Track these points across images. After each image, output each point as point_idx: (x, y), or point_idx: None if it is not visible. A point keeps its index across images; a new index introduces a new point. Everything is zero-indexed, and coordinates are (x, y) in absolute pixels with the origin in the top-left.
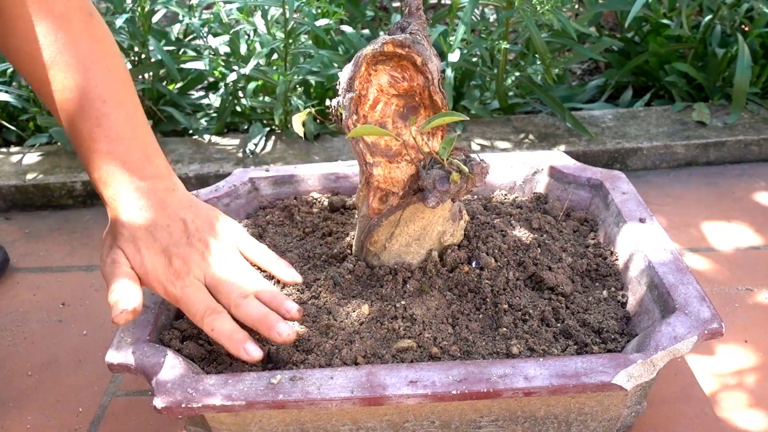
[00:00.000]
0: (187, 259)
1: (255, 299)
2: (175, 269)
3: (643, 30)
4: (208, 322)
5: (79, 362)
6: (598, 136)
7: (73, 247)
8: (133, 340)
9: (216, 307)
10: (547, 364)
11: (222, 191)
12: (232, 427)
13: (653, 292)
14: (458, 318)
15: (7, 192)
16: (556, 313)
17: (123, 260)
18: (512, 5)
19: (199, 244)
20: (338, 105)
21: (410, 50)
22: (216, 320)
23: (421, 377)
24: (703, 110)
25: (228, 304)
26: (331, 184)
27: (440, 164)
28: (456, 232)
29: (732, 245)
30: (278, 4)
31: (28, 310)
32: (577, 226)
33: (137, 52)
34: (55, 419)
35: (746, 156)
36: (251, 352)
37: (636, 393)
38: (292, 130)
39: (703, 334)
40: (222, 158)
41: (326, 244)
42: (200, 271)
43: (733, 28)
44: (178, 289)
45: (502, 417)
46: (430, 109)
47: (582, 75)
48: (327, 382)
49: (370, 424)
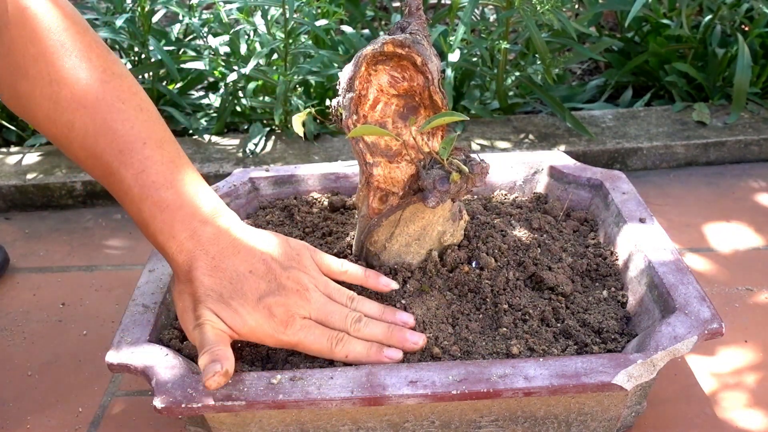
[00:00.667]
0: (287, 305)
1: (369, 319)
2: (280, 319)
3: (643, 30)
4: (339, 351)
5: (79, 362)
6: (598, 136)
7: (73, 247)
8: (133, 340)
9: (337, 334)
10: (547, 364)
11: (222, 191)
12: (232, 427)
13: (653, 292)
14: (458, 318)
15: (7, 192)
16: (556, 313)
17: (216, 322)
18: (512, 5)
19: (290, 282)
20: (338, 105)
21: (410, 50)
22: (346, 345)
23: (421, 377)
24: (703, 110)
25: (346, 331)
26: (331, 184)
27: (440, 164)
28: (456, 232)
29: (732, 245)
30: (278, 4)
31: (28, 310)
32: (577, 226)
33: (137, 52)
34: (55, 419)
35: (746, 156)
36: (392, 355)
37: (636, 393)
38: (292, 130)
39: (703, 334)
40: (222, 158)
41: (326, 244)
42: (305, 311)
43: (733, 28)
44: (291, 336)
45: (502, 417)
46: (430, 109)
47: (582, 75)
48: (327, 382)
49: (370, 424)
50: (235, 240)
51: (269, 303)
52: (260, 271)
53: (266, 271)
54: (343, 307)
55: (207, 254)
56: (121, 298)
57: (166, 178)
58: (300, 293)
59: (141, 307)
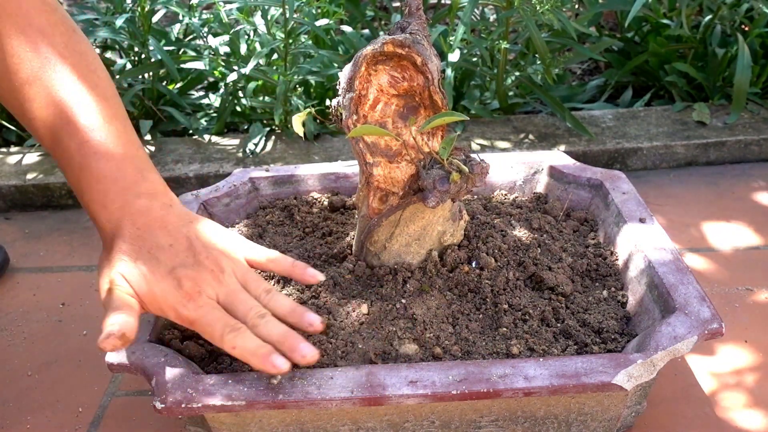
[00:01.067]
0: (197, 280)
1: (272, 318)
2: (185, 291)
3: (643, 30)
4: (228, 340)
5: (79, 362)
6: (598, 136)
7: (73, 247)
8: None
9: (234, 324)
10: (547, 364)
11: (222, 191)
12: (232, 427)
13: (653, 292)
14: (458, 318)
15: (7, 192)
16: (556, 313)
17: (124, 287)
18: (512, 5)
19: (208, 261)
20: (338, 105)
21: (410, 50)
22: (237, 338)
23: (421, 377)
24: (703, 110)
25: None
26: (331, 184)
27: (440, 164)
28: (456, 232)
29: (732, 245)
30: (278, 4)
31: (28, 310)
32: (577, 226)
33: (137, 52)
34: (55, 419)
35: (746, 156)
36: (279, 365)
37: (636, 393)
38: (292, 130)
39: (703, 334)
40: (222, 158)
41: (326, 244)
42: (213, 291)
43: (733, 28)
44: (191, 312)
45: (502, 417)
46: (430, 109)
47: (582, 75)
48: (327, 382)
49: (370, 424)
50: (164, 216)
51: (180, 275)
52: (181, 246)
53: (187, 246)
54: (251, 299)
55: (133, 225)
56: None
57: (108, 151)
58: (214, 273)
59: None
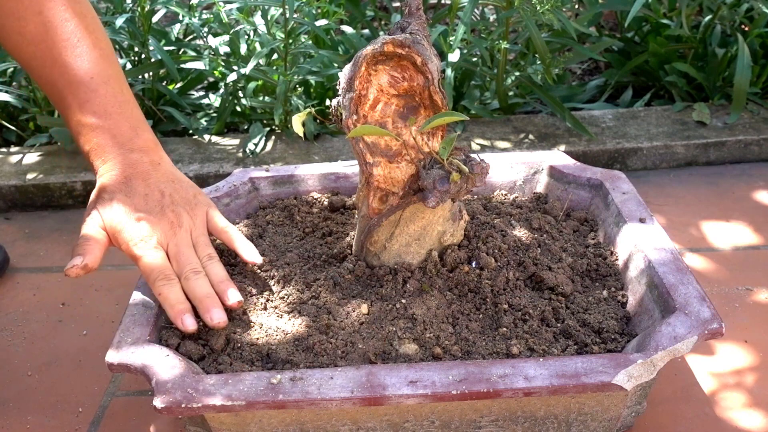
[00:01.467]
0: (154, 225)
1: (205, 278)
2: (140, 231)
3: (643, 30)
4: (158, 285)
5: (79, 362)
6: (598, 136)
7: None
8: (133, 340)
9: (170, 274)
10: (547, 364)
11: (222, 191)
12: (232, 427)
13: (653, 292)
14: (458, 318)
15: (7, 192)
16: (556, 313)
17: (99, 221)
18: (512, 5)
19: (171, 215)
20: (338, 105)
21: (410, 50)
22: (165, 286)
23: (421, 377)
24: (703, 110)
25: (180, 275)
26: (331, 184)
27: (440, 164)
28: (456, 232)
29: (731, 245)
30: (278, 4)
31: (28, 310)
32: (577, 226)
33: (137, 52)
34: (55, 419)
35: (746, 156)
36: (187, 324)
37: (636, 393)
38: (292, 130)
39: (703, 334)
40: (222, 158)
41: (326, 244)
42: (164, 239)
43: (733, 28)
44: (138, 250)
45: (502, 417)
46: (430, 109)
47: (582, 75)
48: (327, 382)
49: (370, 424)
50: (149, 171)
51: (143, 218)
52: (154, 197)
53: (159, 198)
54: (195, 257)
55: (122, 173)
56: (121, 298)
57: (107, 110)
58: (172, 225)
59: (141, 307)
